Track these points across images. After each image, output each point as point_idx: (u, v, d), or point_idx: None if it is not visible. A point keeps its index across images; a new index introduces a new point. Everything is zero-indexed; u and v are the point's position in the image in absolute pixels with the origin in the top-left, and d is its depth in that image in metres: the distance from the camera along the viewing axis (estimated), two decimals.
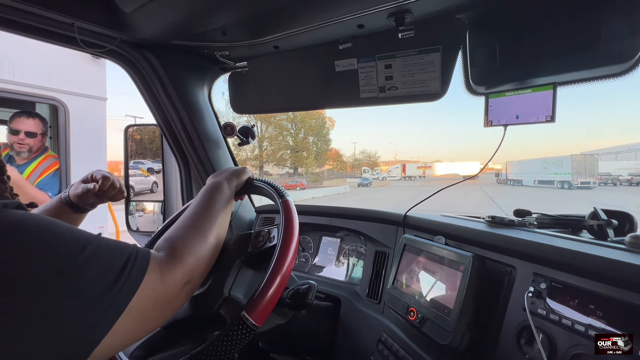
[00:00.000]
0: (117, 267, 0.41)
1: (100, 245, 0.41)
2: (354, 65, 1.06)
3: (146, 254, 0.46)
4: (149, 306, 0.44)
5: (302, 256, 1.33)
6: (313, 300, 0.67)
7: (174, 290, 0.48)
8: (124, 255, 0.43)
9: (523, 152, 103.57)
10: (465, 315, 0.68)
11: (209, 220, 0.60)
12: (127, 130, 1.59)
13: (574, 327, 0.56)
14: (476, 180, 31.85)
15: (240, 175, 0.74)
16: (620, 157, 33.39)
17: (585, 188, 21.91)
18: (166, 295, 0.47)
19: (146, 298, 0.43)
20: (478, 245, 0.79)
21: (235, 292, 0.68)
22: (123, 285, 0.40)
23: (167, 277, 0.47)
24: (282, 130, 34.27)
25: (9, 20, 0.87)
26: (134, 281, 0.42)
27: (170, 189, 1.52)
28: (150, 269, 0.44)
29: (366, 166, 49.09)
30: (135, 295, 0.41)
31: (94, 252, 0.39)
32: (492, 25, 0.86)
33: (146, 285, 0.43)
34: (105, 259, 0.40)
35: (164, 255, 0.50)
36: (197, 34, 1.04)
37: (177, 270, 0.49)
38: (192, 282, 0.52)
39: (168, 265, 0.48)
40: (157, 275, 0.45)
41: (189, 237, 0.55)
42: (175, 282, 0.48)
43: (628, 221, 0.80)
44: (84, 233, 0.41)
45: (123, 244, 0.45)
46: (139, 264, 0.44)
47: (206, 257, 0.56)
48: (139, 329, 0.44)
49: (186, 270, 0.50)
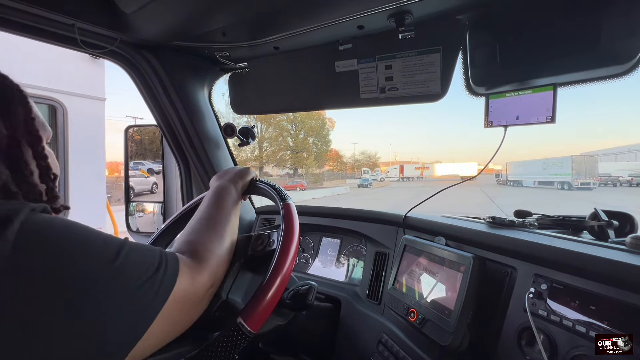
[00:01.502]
0: (151, 270, 0.41)
1: (132, 249, 0.41)
2: (354, 66, 1.06)
3: (175, 258, 0.46)
4: (179, 309, 0.44)
5: (302, 257, 1.33)
6: (313, 301, 0.67)
7: (200, 293, 0.49)
8: (156, 259, 0.43)
9: (526, 153, 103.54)
10: (466, 316, 0.68)
11: (223, 222, 0.61)
12: (127, 131, 1.59)
13: (574, 328, 0.56)
14: (476, 181, 31.86)
15: (244, 176, 0.75)
16: (620, 158, 33.31)
17: (585, 189, 21.87)
18: (194, 298, 0.47)
19: (177, 301, 0.43)
20: (478, 246, 0.79)
21: (233, 295, 0.68)
22: (159, 289, 0.40)
23: (196, 279, 0.48)
24: (282, 131, 34.28)
25: (9, 21, 0.87)
26: (168, 284, 0.42)
27: (170, 189, 1.51)
28: (181, 272, 0.45)
29: (366, 167, 49.08)
30: (169, 298, 0.41)
31: (128, 256, 0.39)
32: (492, 26, 0.86)
33: (178, 287, 0.43)
34: (140, 262, 0.40)
35: (191, 259, 0.50)
36: (198, 35, 1.04)
37: (204, 273, 0.50)
38: (215, 284, 0.53)
39: (197, 268, 0.49)
40: (187, 278, 0.46)
41: (210, 240, 0.56)
42: (202, 285, 0.49)
43: (629, 222, 0.80)
44: (114, 237, 0.41)
45: (151, 247, 0.45)
46: (171, 267, 0.44)
47: (225, 259, 0.57)
48: (169, 333, 0.44)
49: (211, 273, 0.52)
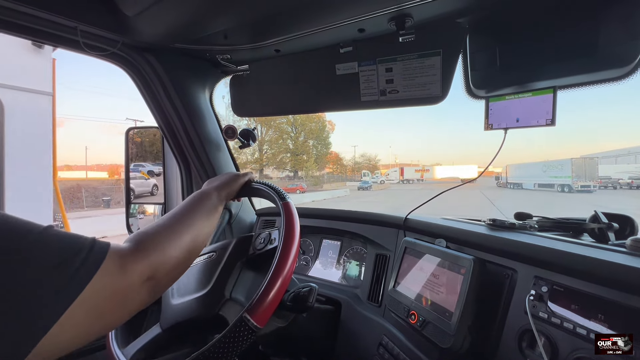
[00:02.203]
0: (69, 254, 0.39)
1: (51, 233, 0.39)
2: (355, 69, 1.06)
3: (105, 245, 0.44)
4: (106, 298, 0.42)
5: (302, 259, 1.33)
6: (314, 303, 0.67)
7: (133, 283, 0.46)
8: (77, 244, 0.41)
9: (528, 154, 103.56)
10: (467, 319, 0.68)
11: (184, 221, 0.60)
12: (128, 134, 1.59)
13: (575, 331, 0.56)
14: (476, 184, 31.75)
15: (231, 183, 0.74)
16: (620, 161, 33.28)
17: (585, 191, 21.90)
18: (125, 288, 0.45)
19: (102, 289, 0.41)
20: (479, 249, 0.79)
21: (236, 294, 0.68)
22: (75, 273, 0.38)
23: (127, 267, 0.45)
24: (283, 133, 34.34)
25: (12, 23, 0.88)
26: (87, 269, 0.40)
27: (170, 191, 1.51)
28: (108, 258, 0.43)
29: (366, 169, 49.08)
30: (89, 285, 0.39)
31: (40, 239, 0.37)
32: (492, 29, 0.87)
33: (102, 274, 0.41)
34: (55, 246, 0.38)
35: (127, 246, 0.48)
36: (199, 38, 1.05)
37: (138, 261, 0.47)
38: (155, 279, 0.49)
39: (129, 256, 0.46)
40: (115, 265, 0.43)
41: (159, 233, 0.55)
42: (135, 274, 0.46)
43: (629, 224, 0.80)
44: (29, 222, 0.39)
45: (78, 235, 0.43)
46: (96, 252, 0.42)
47: (176, 256, 0.54)
48: (93, 325, 0.41)
49: (149, 264, 0.49)
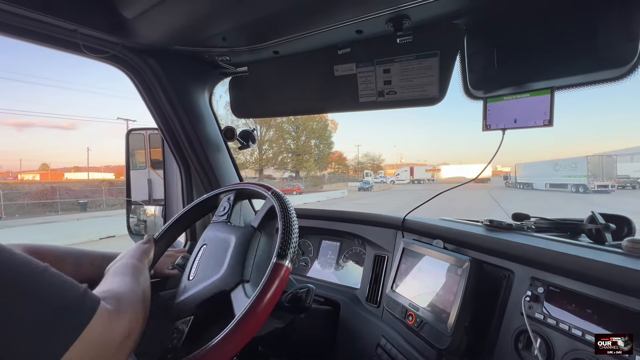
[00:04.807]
0: (66, 302, 0.40)
1: (51, 274, 0.41)
2: (353, 70, 1.07)
3: (96, 298, 0.46)
4: (92, 355, 0.42)
5: (302, 259, 1.33)
6: (311, 304, 0.67)
7: (116, 340, 0.47)
8: (74, 291, 0.42)
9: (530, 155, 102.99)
10: (463, 320, 0.68)
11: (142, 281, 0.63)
12: (128, 135, 1.60)
13: (571, 332, 0.56)
14: (483, 184, 31.31)
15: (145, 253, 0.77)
16: (637, 159, 30.86)
17: (602, 192, 19.87)
18: (108, 345, 0.46)
19: (89, 344, 0.41)
20: (476, 249, 0.79)
21: None
22: (70, 320, 0.40)
23: (114, 324, 0.46)
24: (283, 133, 34.33)
25: (13, 27, 0.88)
26: (80, 321, 0.41)
27: (171, 192, 1.52)
28: (99, 312, 0.44)
29: (369, 169, 48.89)
30: (80, 337, 0.40)
31: (41, 281, 0.39)
32: (490, 30, 0.87)
33: (93, 326, 0.42)
34: (56, 289, 0.40)
35: (110, 303, 0.50)
36: (198, 40, 1.05)
37: (122, 319, 0.49)
38: (131, 336, 0.51)
39: (114, 313, 0.48)
40: (104, 320, 0.44)
41: (130, 291, 0.57)
42: (119, 332, 0.47)
43: (626, 225, 0.80)
44: (33, 261, 0.41)
45: (73, 282, 0.44)
46: (89, 304, 0.43)
47: (143, 315, 0.57)
48: None
49: (129, 322, 0.50)
